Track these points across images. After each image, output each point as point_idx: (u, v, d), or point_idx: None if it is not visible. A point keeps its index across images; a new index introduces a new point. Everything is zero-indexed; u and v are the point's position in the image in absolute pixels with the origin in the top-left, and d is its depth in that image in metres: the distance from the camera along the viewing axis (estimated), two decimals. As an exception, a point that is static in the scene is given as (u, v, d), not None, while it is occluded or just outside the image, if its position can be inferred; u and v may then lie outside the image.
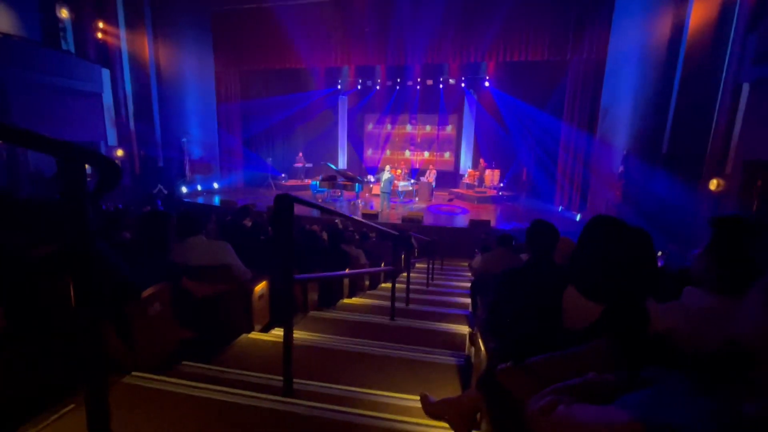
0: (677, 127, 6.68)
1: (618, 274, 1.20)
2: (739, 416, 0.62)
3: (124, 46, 10.91)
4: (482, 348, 1.70)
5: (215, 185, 13.56)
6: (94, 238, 0.90)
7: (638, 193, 7.40)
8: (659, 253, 4.86)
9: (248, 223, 6.69)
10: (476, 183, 13.85)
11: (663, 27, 6.81)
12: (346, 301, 4.19)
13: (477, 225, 9.39)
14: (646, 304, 1.18)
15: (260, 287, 2.78)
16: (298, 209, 10.02)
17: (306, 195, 13.79)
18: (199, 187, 13.12)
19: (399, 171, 14.69)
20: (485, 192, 13.54)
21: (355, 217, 2.81)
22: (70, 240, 0.89)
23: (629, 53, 8.40)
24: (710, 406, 0.66)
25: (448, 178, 16.00)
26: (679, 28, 6.51)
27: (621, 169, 8.11)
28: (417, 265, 8.46)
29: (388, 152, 18.42)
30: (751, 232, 1.11)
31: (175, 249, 2.47)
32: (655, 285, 1.17)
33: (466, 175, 14.36)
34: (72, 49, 9.04)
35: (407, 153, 17.69)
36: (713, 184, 6.01)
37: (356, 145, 17.85)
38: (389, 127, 17.63)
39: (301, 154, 15.41)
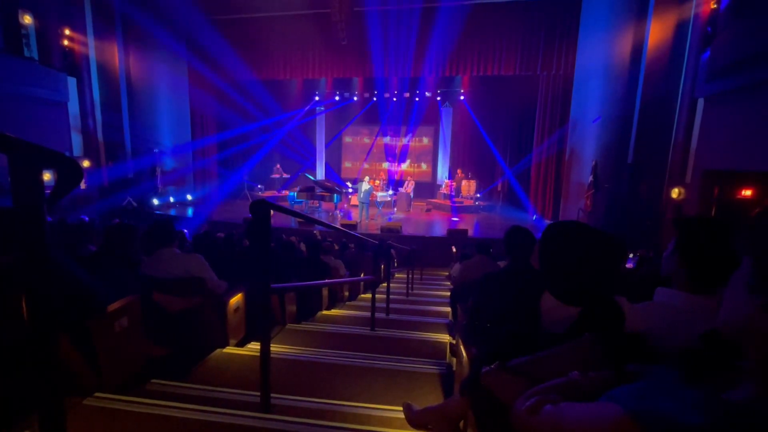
0: (641, 138, 7.00)
1: (586, 278, 1.20)
2: (726, 404, 0.64)
3: (92, 55, 10.54)
4: (464, 354, 1.69)
5: (189, 197, 13.17)
6: (50, 246, 0.84)
7: (607, 201, 7.63)
8: (631, 255, 4.99)
9: (222, 235, 6.52)
10: (453, 193, 14.04)
11: (624, 45, 7.18)
12: (325, 312, 4.13)
13: (455, 234, 9.51)
14: (621, 304, 1.20)
15: (236, 300, 2.72)
16: (276, 220, 9.84)
17: (284, 206, 13.60)
18: (171, 199, 12.71)
19: (377, 182, 14.79)
20: (462, 202, 13.73)
21: (335, 225, 2.77)
22: (24, 248, 0.83)
23: (595, 69, 8.76)
24: (698, 395, 0.67)
25: (426, 188, 16.10)
26: (638, 47, 6.82)
27: (590, 179, 8.38)
28: (397, 275, 8.42)
29: (366, 164, 18.44)
30: (712, 230, 1.14)
31: (145, 261, 2.41)
32: (623, 284, 1.19)
33: (443, 186, 14.55)
34: (36, 57, 8.68)
35: (385, 164, 17.76)
36: (675, 193, 6.32)
37: (334, 156, 17.97)
38: (367, 139, 17.78)
39: (278, 166, 15.28)
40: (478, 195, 14.08)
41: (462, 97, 15.24)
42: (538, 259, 1.34)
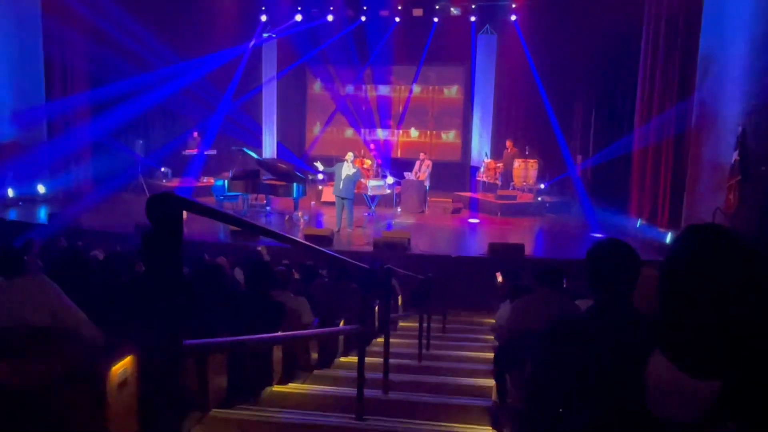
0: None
1: (747, 331, 1.22)
2: None
3: None
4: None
5: (40, 189, 13.13)
6: None
7: (765, 194, 7.68)
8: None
9: (99, 255, 6.54)
10: (498, 180, 14.30)
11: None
12: (277, 388, 4.20)
13: (502, 252, 9.61)
14: None
15: (121, 367, 2.77)
16: (193, 228, 9.86)
17: (207, 204, 13.70)
18: (10, 192, 12.69)
19: (368, 162, 14.86)
20: (515, 197, 13.95)
21: (295, 237, 2.79)
22: None
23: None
24: None
25: (453, 173, 16.31)
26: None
27: (735, 157, 8.39)
28: (402, 324, 8.50)
29: (348, 131, 18.49)
30: None
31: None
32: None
33: (482, 169, 14.77)
34: None
35: (380, 132, 17.86)
36: None
37: (293, 121, 18.03)
38: (350, 87, 17.74)
39: (196, 135, 15.43)
40: (542, 186, 14.27)
41: (513, 18, 15.38)
42: (667, 286, 1.35)
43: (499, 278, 8.37)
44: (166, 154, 15.19)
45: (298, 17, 16.15)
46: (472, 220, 12.98)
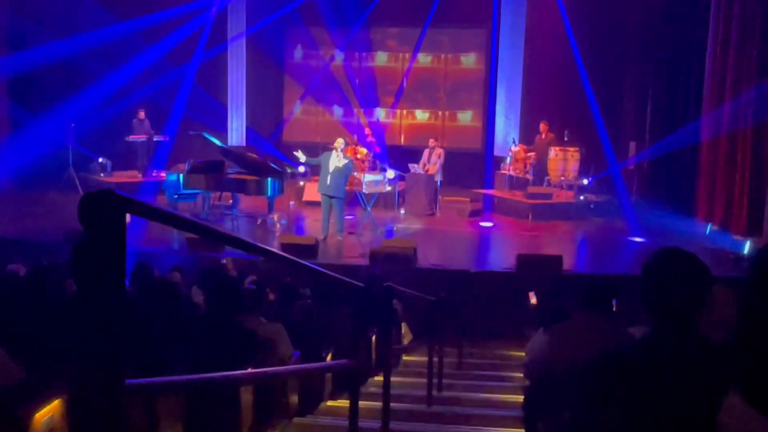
0: None
1: None
2: None
3: None
4: None
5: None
6: None
7: None
8: None
9: (19, 270, 6.54)
10: (530, 174, 14.38)
11: None
12: None
13: (535, 266, 9.63)
14: None
15: (48, 412, 2.77)
16: (137, 234, 9.84)
17: (157, 204, 13.67)
18: None
19: (363, 151, 14.89)
20: (550, 195, 14.02)
21: (269, 248, 2.79)
22: None
23: None
24: None
25: (470, 165, 16.40)
26: None
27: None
28: (406, 358, 8.49)
29: (338, 111, 18.42)
30: None
31: None
32: None
33: (508, 159, 14.87)
34: None
35: (378, 113, 17.91)
36: None
37: (268, 95, 18.19)
38: (339, 54, 17.90)
39: (142, 114, 15.51)
40: (585, 182, 14.34)
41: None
42: (730, 322, 1.36)
43: (532, 299, 8.37)
44: (104, 140, 15.18)
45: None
46: (484, 224, 13.04)
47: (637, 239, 11.85)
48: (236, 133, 17.56)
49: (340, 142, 11.29)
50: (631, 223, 12.46)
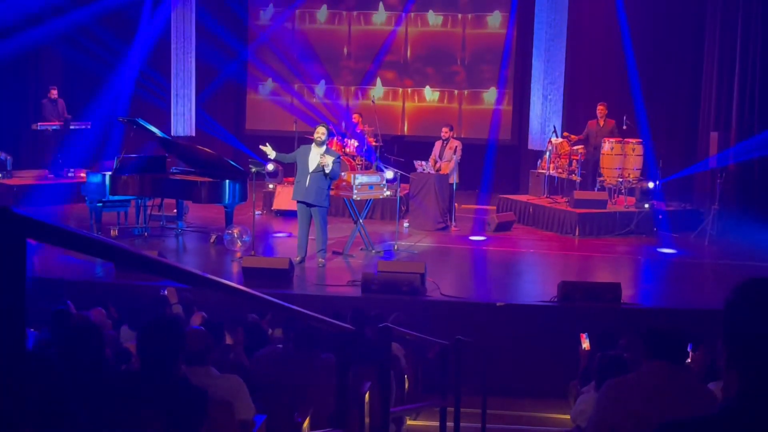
0: None
1: None
2: None
3: None
4: None
5: None
6: None
7: None
8: None
9: None
10: (577, 175, 14.44)
11: None
12: None
13: (583, 298, 9.58)
14: None
15: None
16: (51, 260, 9.75)
17: (74, 216, 13.62)
18: None
19: (354, 143, 14.98)
20: (604, 202, 14.10)
21: (224, 282, 2.75)
22: None
23: None
24: None
25: (498, 162, 16.54)
26: None
27: None
28: (411, 422, 8.39)
29: (319, 89, 18.65)
30: None
31: None
32: None
33: (548, 154, 14.93)
34: None
35: (373, 93, 18.20)
36: None
37: (225, 69, 18.26)
38: (321, 13, 18.03)
39: (54, 94, 15.56)
40: (651, 185, 14.23)
41: None
42: None
43: (584, 344, 8.33)
44: (1, 128, 15.17)
45: None
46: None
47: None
48: (183, 120, 17.64)
49: (321, 132, 11.14)
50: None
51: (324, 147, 11.09)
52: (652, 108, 14.81)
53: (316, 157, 10.90)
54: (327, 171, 10.75)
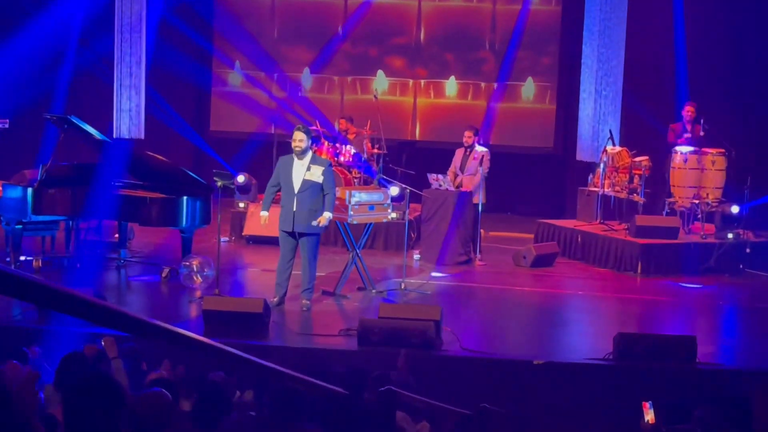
0: None
1: None
2: None
3: None
4: None
5: None
6: None
7: None
8: None
9: None
10: (639, 194, 14.39)
11: None
12: None
13: (647, 354, 9.53)
14: None
15: None
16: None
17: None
18: None
19: (348, 148, 14.92)
20: (676, 230, 14.01)
21: (179, 331, 2.76)
22: None
23: None
24: None
25: (535, 174, 16.95)
26: None
27: None
28: None
29: (306, 81, 18.98)
30: None
31: None
32: None
33: (602, 167, 14.91)
34: None
35: (377, 86, 18.44)
36: None
37: (183, 54, 18.40)
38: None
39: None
40: (736, 208, 14.07)
41: None
42: None
43: (648, 415, 8.31)
44: None
45: None
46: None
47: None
48: (129, 119, 17.70)
49: (300, 139, 10.86)
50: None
51: (307, 156, 10.97)
52: (737, 109, 14.83)
53: (300, 171, 10.82)
54: (316, 180, 10.75)
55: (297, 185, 10.72)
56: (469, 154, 13.94)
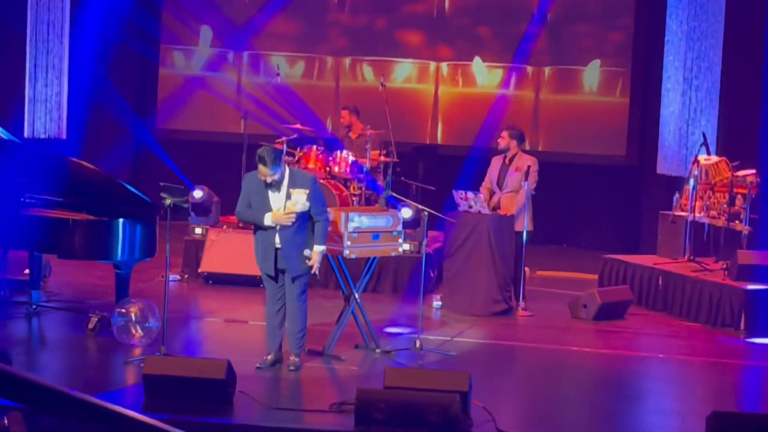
0: None
1: None
2: None
3: None
4: None
5: None
6: None
7: None
8: None
9: None
10: (743, 221, 14.33)
11: None
12: None
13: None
14: None
15: None
16: None
17: None
18: None
19: (343, 155, 15.09)
20: None
21: (109, 406, 2.76)
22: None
23: None
24: None
25: (599, 192, 17.33)
26: None
27: None
28: None
29: (286, 65, 19.43)
30: None
31: None
32: None
33: (691, 183, 14.94)
34: None
35: (399, 68, 18.94)
36: None
37: (126, 31, 18.41)
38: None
39: None
40: None
41: None
42: None
43: None
44: None
45: None
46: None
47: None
48: (45, 113, 17.84)
49: (266, 174, 10.56)
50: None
51: (284, 183, 10.78)
52: None
53: (278, 201, 10.66)
54: (301, 209, 10.57)
55: (277, 212, 10.61)
56: (509, 165, 13.94)
